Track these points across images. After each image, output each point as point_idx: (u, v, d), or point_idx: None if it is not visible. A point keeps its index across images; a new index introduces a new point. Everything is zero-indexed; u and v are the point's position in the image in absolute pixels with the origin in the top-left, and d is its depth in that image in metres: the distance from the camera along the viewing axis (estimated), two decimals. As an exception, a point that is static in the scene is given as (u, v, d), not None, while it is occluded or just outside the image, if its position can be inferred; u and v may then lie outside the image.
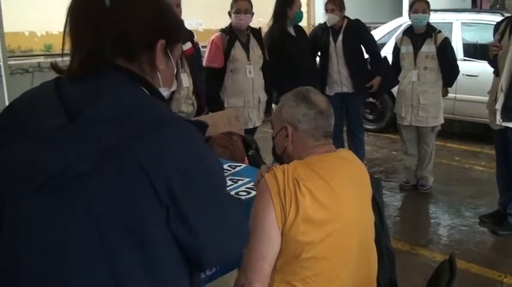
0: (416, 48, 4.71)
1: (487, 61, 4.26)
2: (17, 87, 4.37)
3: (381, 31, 7.25)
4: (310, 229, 1.62)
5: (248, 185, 2.26)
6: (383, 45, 6.49)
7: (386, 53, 5.33)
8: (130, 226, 0.99)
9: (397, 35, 5.85)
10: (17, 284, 1.04)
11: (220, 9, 4.83)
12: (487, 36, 5.40)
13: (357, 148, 5.11)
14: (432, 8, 4.90)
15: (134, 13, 1.10)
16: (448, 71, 4.75)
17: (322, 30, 5.14)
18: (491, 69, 4.09)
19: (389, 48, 5.60)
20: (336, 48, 5.01)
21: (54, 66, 1.12)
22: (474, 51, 6.47)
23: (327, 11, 5.01)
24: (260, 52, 4.29)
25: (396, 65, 4.94)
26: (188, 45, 3.81)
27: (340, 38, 4.99)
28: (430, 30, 4.71)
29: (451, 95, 5.35)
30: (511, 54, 3.73)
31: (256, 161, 2.73)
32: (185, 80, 3.71)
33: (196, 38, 4.05)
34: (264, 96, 4.37)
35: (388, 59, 5.11)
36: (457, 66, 4.83)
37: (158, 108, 1.07)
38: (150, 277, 1.02)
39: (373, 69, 5.11)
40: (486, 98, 4.19)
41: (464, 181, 5.33)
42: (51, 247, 1.00)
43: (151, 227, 1.00)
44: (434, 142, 4.98)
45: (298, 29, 4.83)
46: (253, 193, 2.10)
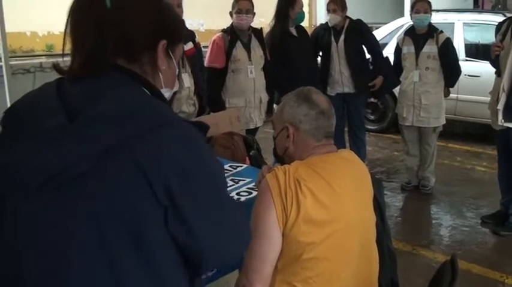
0: (418, 48, 4.71)
1: (488, 61, 4.25)
2: (18, 87, 4.37)
3: (383, 31, 7.24)
4: (311, 230, 1.62)
5: (249, 186, 2.26)
6: (385, 45, 6.47)
7: (388, 53, 5.32)
8: (129, 226, 0.99)
9: (398, 36, 5.84)
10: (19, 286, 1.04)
11: (221, 9, 4.83)
12: (488, 37, 5.39)
13: (359, 149, 5.10)
14: (434, 8, 4.89)
15: (135, 14, 1.09)
16: (450, 71, 4.74)
17: (323, 30, 5.13)
18: (493, 70, 4.08)
19: (391, 48, 5.59)
20: (337, 48, 5.00)
21: (56, 66, 1.12)
22: (476, 51, 6.46)
23: (328, 11, 5.00)
24: (261, 52, 4.29)
25: (398, 65, 4.93)
26: (189, 46, 3.81)
27: (341, 38, 4.98)
28: (432, 31, 4.71)
29: (453, 96, 5.33)
30: (513, 54, 3.73)
31: (257, 162, 2.72)
32: (186, 80, 3.71)
33: (197, 38, 4.05)
34: (265, 97, 4.37)
35: (390, 59, 5.11)
36: (459, 67, 4.83)
37: (158, 108, 1.06)
38: (148, 277, 1.01)
39: (375, 69, 5.11)
40: (488, 98, 4.18)
41: (466, 182, 5.32)
42: (52, 247, 1.00)
43: (149, 227, 1.00)
44: (436, 143, 4.97)
45: (300, 29, 4.81)
46: (255, 193, 2.10)
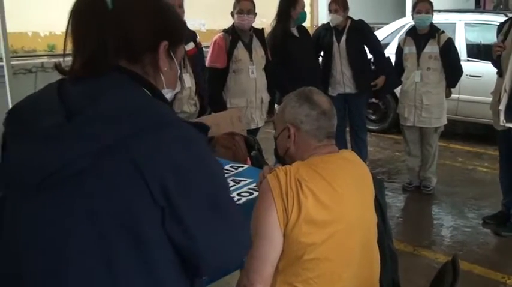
0: (420, 48, 4.70)
1: (490, 62, 4.25)
2: (20, 87, 4.38)
3: (384, 32, 7.24)
4: (312, 230, 1.62)
5: (250, 186, 2.25)
6: (386, 45, 6.46)
7: (390, 53, 5.32)
8: (126, 225, 0.99)
9: (400, 36, 5.84)
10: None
11: (223, 9, 4.83)
12: (490, 37, 5.38)
13: (360, 149, 5.10)
14: (435, 8, 4.88)
15: (136, 15, 1.09)
16: (452, 71, 4.74)
17: (325, 30, 5.13)
18: (495, 70, 4.08)
19: (392, 48, 5.58)
20: (339, 48, 5.00)
21: (57, 67, 1.12)
22: (478, 51, 6.45)
23: (330, 11, 4.99)
24: (263, 53, 4.29)
25: (399, 65, 4.93)
26: (191, 46, 3.81)
27: (343, 38, 4.98)
28: (434, 31, 4.70)
29: (455, 96, 5.33)
30: (514, 54, 3.72)
31: (258, 162, 2.71)
32: (187, 80, 3.71)
33: (199, 38, 4.05)
34: (266, 97, 4.37)
35: (392, 59, 5.10)
36: (461, 67, 4.82)
37: (159, 109, 1.06)
38: (146, 277, 1.01)
39: (377, 69, 5.10)
40: (490, 98, 4.17)
41: (467, 182, 5.31)
42: (50, 246, 1.00)
43: (146, 227, 1.00)
44: (438, 143, 4.97)
45: (302, 30, 4.81)
46: (256, 193, 2.09)
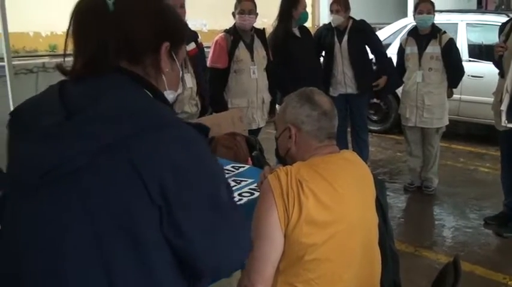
0: (421, 49, 4.70)
1: (492, 62, 4.24)
2: (21, 87, 4.38)
3: (386, 32, 7.23)
4: (313, 231, 1.61)
5: (251, 186, 2.24)
6: (388, 46, 6.46)
7: (391, 53, 5.31)
8: (124, 226, 0.99)
9: (402, 36, 5.84)
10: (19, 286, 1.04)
11: (224, 9, 4.83)
12: (492, 37, 5.37)
13: (361, 149, 5.09)
14: (437, 8, 4.88)
15: (137, 17, 1.10)
16: (453, 72, 4.73)
17: (326, 30, 5.12)
18: (497, 70, 4.07)
19: (394, 49, 5.58)
20: (341, 49, 4.99)
21: (59, 67, 1.13)
22: (479, 52, 6.44)
23: (332, 11, 4.98)
24: (264, 53, 4.28)
25: (401, 66, 4.92)
26: (192, 46, 3.81)
27: (345, 39, 4.97)
28: (435, 31, 4.70)
29: (456, 96, 5.32)
30: (516, 55, 3.72)
31: (259, 162, 2.71)
32: (189, 80, 3.70)
33: (200, 38, 4.05)
34: (267, 97, 4.36)
35: (393, 59, 5.10)
36: (462, 67, 4.82)
37: (159, 110, 1.07)
38: (143, 277, 1.01)
39: (379, 69, 5.10)
40: (491, 99, 4.17)
41: (469, 183, 5.31)
42: (49, 244, 1.00)
43: (143, 227, 0.99)
44: (439, 143, 4.96)
45: (303, 30, 4.81)
46: (257, 194, 2.09)
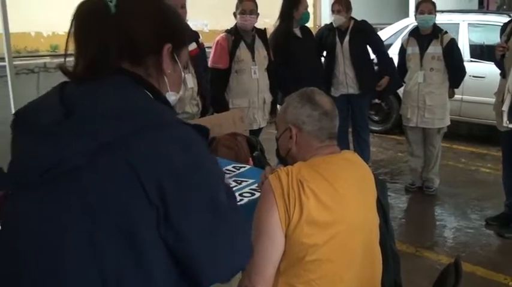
0: (423, 49, 4.69)
1: (493, 62, 4.23)
2: (22, 87, 4.38)
3: (387, 32, 7.22)
4: (314, 231, 1.61)
5: (252, 187, 2.24)
6: (389, 46, 6.46)
7: (393, 54, 5.31)
8: (121, 224, 0.98)
9: (403, 36, 5.83)
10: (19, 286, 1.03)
11: (225, 10, 4.83)
12: (493, 38, 5.37)
13: (362, 149, 5.09)
14: (438, 8, 4.88)
15: (139, 19, 1.10)
16: (455, 72, 4.73)
17: (328, 30, 5.12)
18: (498, 71, 4.07)
19: (395, 49, 5.57)
20: (342, 49, 4.98)
21: (62, 68, 1.13)
22: (481, 52, 6.44)
23: (333, 11, 4.98)
24: (265, 53, 4.28)
25: (402, 66, 4.92)
26: (193, 46, 3.80)
27: (346, 39, 4.96)
28: (437, 31, 4.69)
29: (458, 97, 5.31)
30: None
31: (260, 162, 2.71)
32: (190, 80, 3.70)
33: (201, 38, 4.04)
34: (269, 97, 4.36)
35: (394, 60, 5.09)
36: (464, 68, 4.81)
37: (159, 110, 1.07)
38: (140, 277, 1.00)
39: (381, 70, 5.10)
40: (493, 99, 4.16)
41: (470, 183, 5.30)
42: (49, 243, 1.00)
43: (141, 227, 0.99)
44: (441, 144, 4.96)
45: (305, 30, 4.80)
46: (257, 194, 2.09)
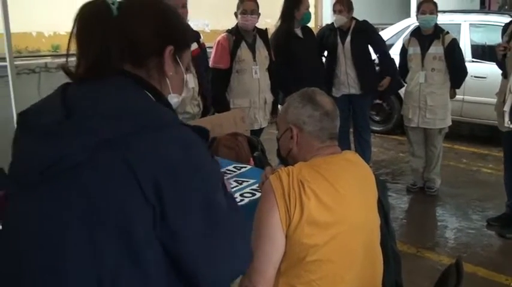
0: (424, 49, 4.68)
1: (495, 63, 4.23)
2: (23, 87, 4.38)
3: (389, 32, 7.22)
4: (314, 232, 1.60)
5: (253, 187, 2.24)
6: (391, 46, 6.44)
7: (394, 54, 5.30)
8: (118, 222, 0.98)
9: (404, 36, 5.82)
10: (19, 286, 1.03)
11: (227, 10, 4.82)
12: (495, 38, 5.36)
13: (364, 150, 5.09)
14: (440, 9, 4.87)
15: (141, 21, 1.11)
16: (456, 72, 4.72)
17: (329, 30, 5.12)
18: (500, 71, 4.06)
19: (397, 49, 5.56)
20: (343, 49, 4.98)
21: (64, 68, 1.13)
22: (482, 52, 6.43)
23: (334, 12, 4.97)
24: (266, 53, 4.27)
25: (404, 66, 4.91)
26: (194, 46, 3.79)
27: (348, 39, 4.96)
28: (438, 32, 4.68)
29: (459, 97, 5.31)
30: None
31: (261, 163, 2.71)
32: (191, 80, 3.69)
33: (202, 38, 4.04)
34: (270, 97, 4.35)
35: (396, 60, 5.09)
36: (465, 68, 4.80)
37: (160, 111, 1.07)
38: (137, 276, 1.00)
39: (382, 70, 5.09)
40: (494, 100, 4.16)
41: (471, 184, 5.29)
42: (49, 241, 1.00)
43: (138, 226, 0.99)
44: (442, 144, 4.95)
45: (306, 30, 4.80)
46: (258, 194, 2.08)
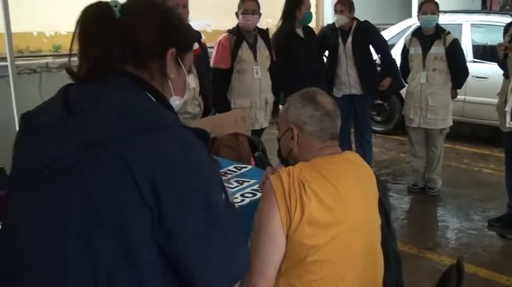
0: (425, 49, 4.68)
1: (496, 63, 4.23)
2: (24, 87, 4.38)
3: (390, 32, 7.22)
4: (315, 232, 1.60)
5: (254, 187, 2.24)
6: (392, 46, 6.43)
7: (395, 54, 5.30)
8: (116, 221, 0.98)
9: (406, 37, 5.82)
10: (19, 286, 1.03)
11: (228, 10, 4.82)
12: (496, 38, 5.34)
13: (365, 150, 5.08)
14: (441, 9, 4.86)
15: (143, 24, 1.11)
16: (457, 72, 4.71)
17: (331, 30, 5.11)
18: (501, 71, 4.06)
19: (398, 49, 5.56)
20: (345, 49, 4.98)
21: (68, 69, 1.14)
22: (484, 52, 6.43)
23: (336, 12, 4.97)
24: (267, 53, 4.27)
25: (405, 66, 4.91)
26: (195, 46, 3.80)
27: (349, 39, 4.96)
28: (439, 32, 4.68)
29: (460, 97, 5.30)
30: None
31: (262, 163, 2.71)
32: (192, 80, 3.69)
33: (204, 38, 4.04)
34: (271, 97, 4.35)
35: (397, 60, 5.08)
36: (467, 68, 4.80)
37: (160, 112, 1.07)
38: (132, 277, 1.00)
39: (383, 70, 5.09)
40: (496, 100, 4.15)
41: (473, 184, 5.29)
42: (49, 240, 1.00)
43: (135, 226, 0.99)
44: (443, 144, 4.95)
45: (307, 30, 4.80)
46: (259, 194, 2.08)
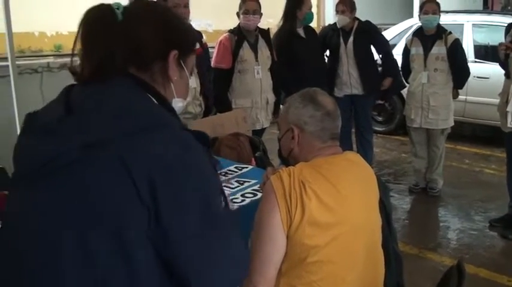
0: (427, 49, 4.67)
1: (498, 63, 4.22)
2: (25, 87, 4.38)
3: (392, 32, 7.21)
4: (315, 232, 1.60)
5: (254, 187, 2.24)
6: (393, 46, 6.43)
7: (397, 54, 5.30)
8: (113, 220, 0.98)
9: (407, 37, 5.82)
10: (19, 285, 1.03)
11: (230, 10, 4.82)
12: (498, 38, 5.32)
13: (366, 150, 5.08)
14: (443, 9, 4.86)
15: (146, 26, 1.11)
16: (459, 72, 4.71)
17: (332, 31, 5.10)
18: (503, 71, 4.05)
19: (399, 49, 5.56)
20: (346, 49, 4.97)
21: (71, 69, 1.14)
22: (485, 53, 6.42)
23: (337, 12, 4.96)
24: (268, 53, 4.27)
25: (406, 66, 4.91)
26: (196, 46, 3.80)
27: (350, 39, 4.95)
28: (441, 32, 4.68)
29: (462, 97, 5.30)
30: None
31: (263, 163, 2.71)
32: (192, 80, 3.69)
33: (205, 38, 4.04)
34: (272, 97, 4.35)
35: (398, 60, 5.08)
36: (468, 68, 4.80)
37: (160, 113, 1.07)
38: (128, 277, 1.00)
39: (384, 70, 5.08)
40: (497, 100, 4.15)
41: (474, 184, 5.28)
42: (46, 239, 1.00)
43: (131, 225, 0.99)
44: (444, 145, 4.94)
45: (308, 30, 4.80)
46: (260, 195, 2.08)
